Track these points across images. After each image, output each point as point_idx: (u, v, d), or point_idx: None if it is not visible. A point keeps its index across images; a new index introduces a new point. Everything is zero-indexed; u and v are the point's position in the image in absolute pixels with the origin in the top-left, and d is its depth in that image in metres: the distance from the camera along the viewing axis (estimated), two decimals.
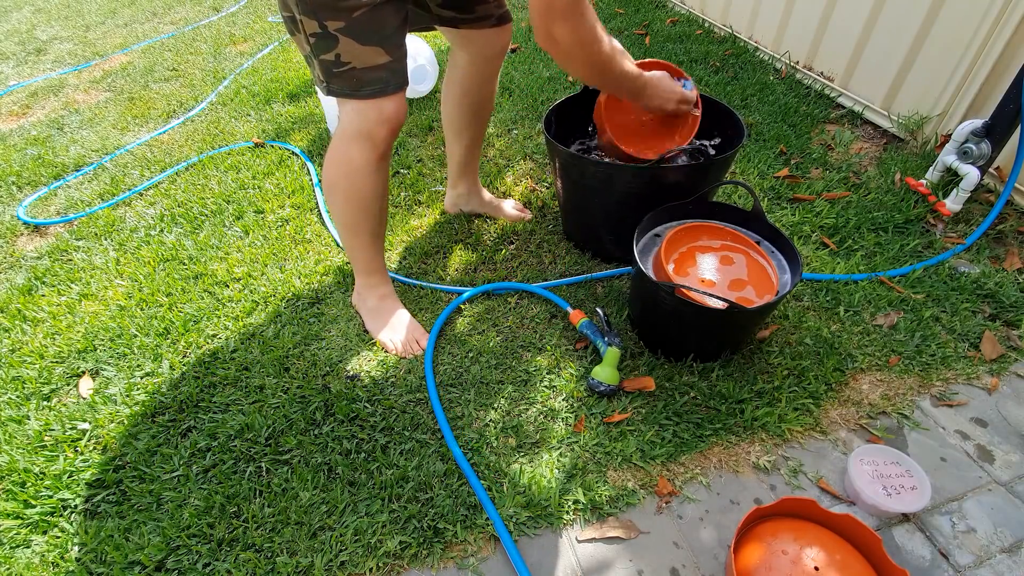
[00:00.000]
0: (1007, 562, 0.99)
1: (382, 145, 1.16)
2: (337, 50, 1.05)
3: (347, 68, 1.07)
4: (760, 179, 1.84)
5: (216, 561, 1.00)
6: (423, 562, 1.00)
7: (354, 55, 1.06)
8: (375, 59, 1.07)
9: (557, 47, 1.05)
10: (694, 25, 2.85)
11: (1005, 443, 1.16)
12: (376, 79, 1.09)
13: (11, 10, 3.83)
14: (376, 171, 1.20)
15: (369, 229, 1.30)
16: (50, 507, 1.10)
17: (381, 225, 1.32)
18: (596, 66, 1.12)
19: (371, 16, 1.03)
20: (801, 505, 0.98)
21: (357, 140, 1.15)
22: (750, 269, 1.25)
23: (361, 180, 1.20)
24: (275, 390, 1.28)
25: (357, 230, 1.30)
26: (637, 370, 1.29)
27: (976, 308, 1.41)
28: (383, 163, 1.20)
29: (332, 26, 1.02)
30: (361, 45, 1.05)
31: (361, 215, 1.26)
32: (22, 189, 2.03)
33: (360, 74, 1.08)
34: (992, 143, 1.56)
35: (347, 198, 1.24)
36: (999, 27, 1.60)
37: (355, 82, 1.09)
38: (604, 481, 1.10)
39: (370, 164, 1.17)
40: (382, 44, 1.07)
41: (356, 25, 1.03)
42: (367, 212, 1.26)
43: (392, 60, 1.09)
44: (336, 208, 1.28)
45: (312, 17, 1.03)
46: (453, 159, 1.63)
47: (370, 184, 1.21)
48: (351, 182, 1.20)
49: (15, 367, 1.37)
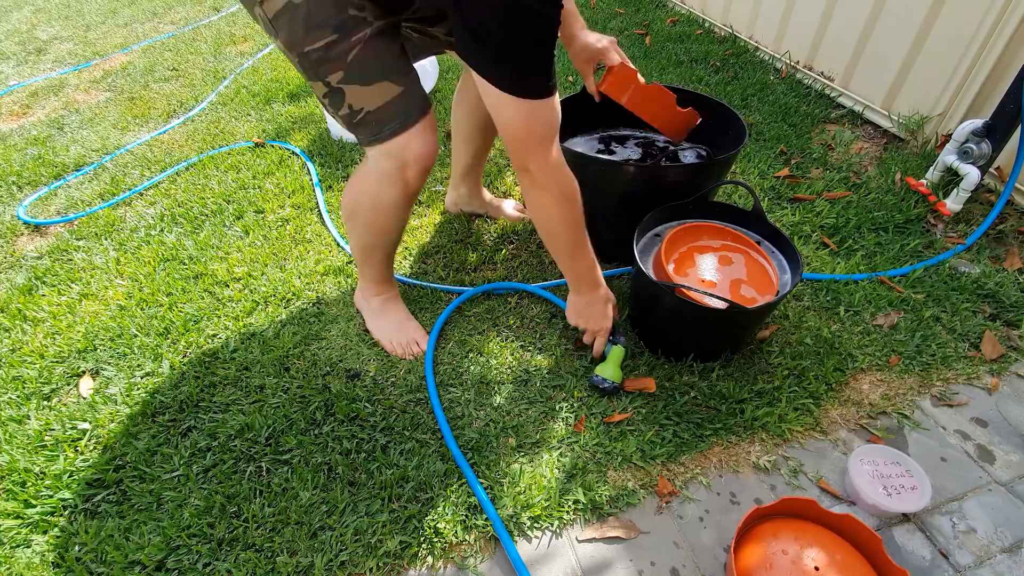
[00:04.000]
0: (1007, 562, 0.99)
1: (414, 184, 1.12)
2: (348, 101, 1.01)
3: (363, 115, 1.03)
4: (760, 179, 1.84)
5: (216, 561, 1.00)
6: (423, 562, 1.00)
7: (364, 99, 1.02)
8: (386, 95, 1.02)
9: (531, 176, 1.04)
10: (694, 25, 2.85)
11: (1005, 443, 1.16)
12: (394, 114, 1.04)
13: (11, 10, 3.83)
14: (405, 208, 1.18)
15: (385, 251, 1.29)
16: (50, 507, 1.10)
17: (397, 244, 1.31)
18: (567, 196, 1.08)
19: (367, 53, 0.98)
20: (801, 505, 0.98)
21: (389, 180, 1.11)
22: (750, 269, 1.25)
23: (387, 215, 1.18)
24: (275, 390, 1.28)
25: (373, 251, 1.29)
26: (637, 370, 1.29)
27: (976, 308, 1.41)
28: (413, 199, 1.17)
29: (334, 79, 0.99)
30: (367, 86, 1.01)
31: (380, 240, 1.25)
32: (22, 189, 2.03)
33: (377, 116, 1.03)
34: (992, 143, 1.56)
35: (368, 228, 1.22)
36: (999, 27, 1.60)
37: (374, 126, 1.05)
38: (604, 481, 1.10)
39: (399, 203, 1.15)
40: (388, 77, 1.02)
41: (355, 68, 0.98)
42: (387, 238, 1.25)
43: (404, 89, 1.04)
44: (355, 232, 1.26)
45: (316, 79, 1.00)
46: (458, 162, 1.62)
47: (396, 218, 1.20)
48: (376, 216, 1.18)
49: (15, 367, 1.37)
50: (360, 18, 0.95)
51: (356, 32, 0.95)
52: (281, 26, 0.95)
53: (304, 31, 0.94)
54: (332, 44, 0.95)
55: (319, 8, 0.93)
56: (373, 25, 0.97)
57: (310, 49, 0.95)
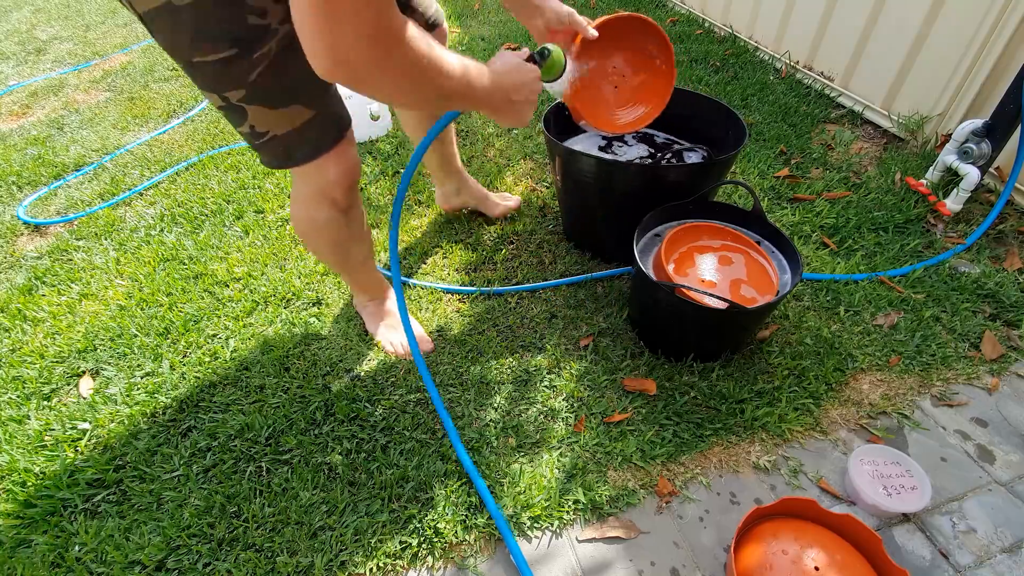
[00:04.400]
0: (1007, 562, 0.99)
1: (344, 202, 1.05)
2: (249, 121, 0.88)
3: (268, 138, 0.91)
4: (760, 179, 1.84)
5: (216, 561, 1.00)
6: (423, 562, 1.00)
7: (270, 122, 0.88)
8: (295, 120, 0.89)
9: (351, 68, 0.65)
10: (694, 25, 2.85)
11: (1005, 443, 1.16)
12: (306, 140, 0.93)
13: (11, 10, 3.83)
14: (347, 223, 1.11)
15: (355, 264, 1.25)
16: (50, 507, 1.10)
17: (367, 253, 1.26)
18: (413, 74, 0.71)
19: (273, 73, 0.83)
20: (801, 505, 0.98)
21: (315, 203, 1.04)
22: (750, 269, 1.25)
23: (330, 234, 1.12)
24: (275, 390, 1.28)
25: (343, 267, 1.26)
26: (637, 370, 1.29)
27: (976, 308, 1.41)
28: (352, 211, 1.10)
29: (234, 97, 0.84)
30: (274, 109, 0.87)
31: (338, 256, 1.21)
32: (22, 189, 2.03)
33: (285, 141, 0.91)
34: (992, 143, 1.56)
35: (320, 249, 1.18)
36: (999, 27, 1.60)
37: (283, 151, 0.93)
38: (604, 481, 1.10)
39: (336, 220, 1.08)
40: (298, 100, 0.88)
41: (259, 89, 0.84)
42: (347, 254, 1.20)
43: (316, 113, 0.91)
44: (315, 254, 1.23)
45: (208, 90, 0.85)
46: (431, 165, 1.59)
47: (343, 234, 1.13)
48: (320, 236, 1.13)
49: (15, 367, 1.37)
50: (263, 27, 0.79)
51: (260, 46, 0.80)
52: (159, 28, 0.79)
53: (192, 42, 0.78)
54: (230, 60, 0.79)
55: (211, 15, 0.75)
56: (279, 34, 0.81)
57: (201, 61, 0.80)
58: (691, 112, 1.61)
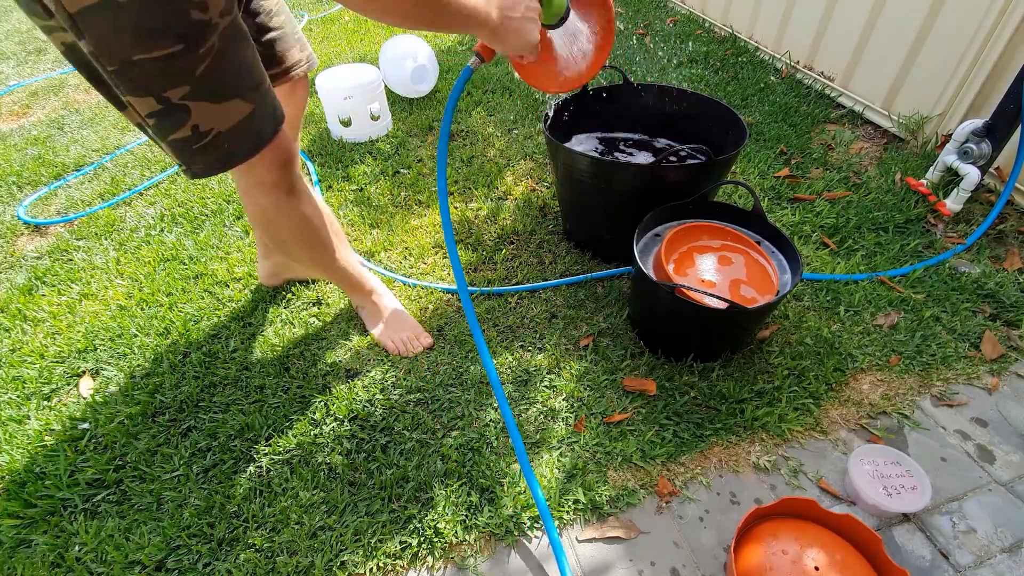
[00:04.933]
0: (1007, 562, 0.99)
1: (281, 179, 1.02)
2: (192, 121, 0.83)
3: (212, 137, 0.86)
4: (760, 179, 1.84)
5: (216, 561, 1.00)
6: (423, 562, 1.00)
7: (214, 119, 0.85)
8: (239, 114, 0.86)
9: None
10: (694, 25, 2.85)
11: (1005, 443, 1.16)
12: (247, 136, 0.90)
13: (11, 10, 3.83)
14: (295, 207, 1.07)
15: (328, 256, 1.20)
16: (50, 507, 1.10)
17: (339, 242, 1.21)
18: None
19: (219, 66, 0.81)
20: (801, 505, 0.98)
21: (257, 190, 1.02)
22: (750, 269, 1.25)
23: (286, 222, 1.08)
24: (275, 390, 1.28)
25: (318, 260, 1.20)
26: (637, 370, 1.29)
27: (976, 308, 1.41)
28: (297, 194, 1.07)
29: (176, 95, 0.80)
30: (218, 104, 0.84)
31: (310, 246, 1.16)
32: (22, 189, 2.03)
33: (227, 139, 0.87)
34: (992, 143, 1.56)
35: (287, 241, 1.13)
36: (999, 27, 1.60)
37: (223, 152, 0.89)
38: (604, 481, 1.10)
39: (284, 203, 1.05)
40: (240, 93, 0.86)
41: (205, 83, 0.81)
42: (314, 242, 1.15)
43: (255, 107, 0.88)
44: (284, 252, 1.18)
45: (145, 94, 0.79)
46: (258, 234, 1.41)
47: (295, 221, 1.09)
48: (280, 226, 1.09)
49: (15, 367, 1.37)
50: (205, 22, 0.77)
51: (204, 41, 0.78)
52: (95, 26, 0.73)
53: (133, 39, 0.74)
54: (176, 56, 0.76)
55: (154, 10, 0.73)
56: (220, 27, 0.79)
57: (143, 59, 0.75)
58: (691, 112, 1.61)
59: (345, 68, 2.16)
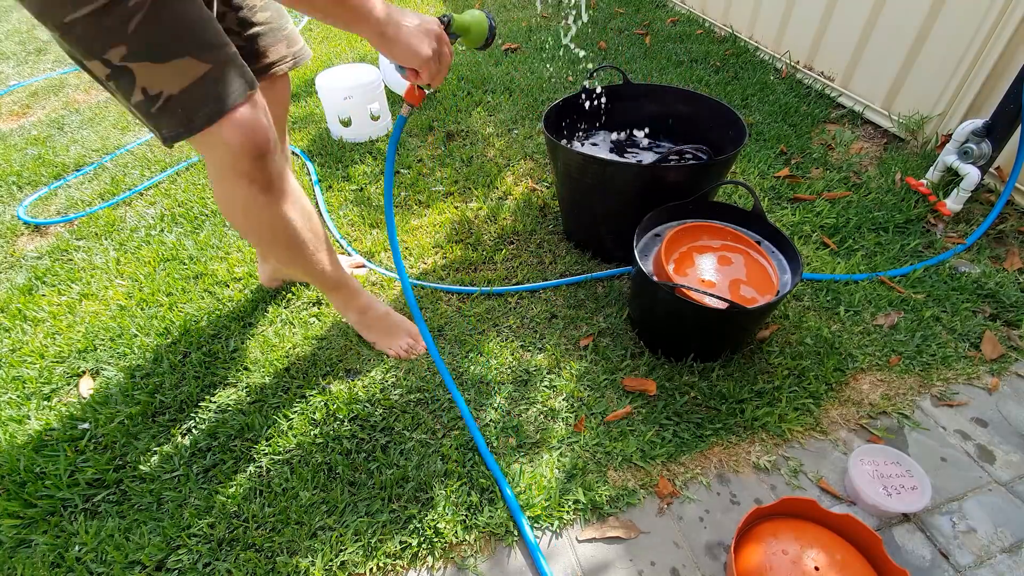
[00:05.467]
0: (1007, 562, 0.99)
1: (257, 173, 0.94)
2: (139, 84, 0.80)
3: (163, 101, 0.82)
4: (760, 179, 1.84)
5: (216, 561, 1.00)
6: (423, 562, 1.00)
7: (160, 79, 0.81)
8: (189, 74, 0.82)
9: None
10: (694, 25, 2.85)
11: (1005, 443, 1.16)
12: (205, 98, 0.84)
13: (11, 10, 3.83)
14: (271, 202, 0.99)
15: (305, 255, 1.11)
16: (50, 507, 1.10)
17: (321, 247, 1.14)
18: None
19: (154, 22, 0.77)
20: (801, 505, 0.98)
21: (228, 177, 0.95)
22: (750, 269, 1.25)
23: (258, 216, 1.00)
24: (275, 390, 1.28)
25: (293, 260, 1.12)
26: (637, 370, 1.29)
27: (977, 308, 1.41)
28: (275, 189, 0.99)
29: (116, 56, 0.78)
30: (160, 63, 0.80)
31: (285, 246, 1.08)
32: (22, 189, 2.03)
33: (182, 101, 0.83)
34: (992, 143, 1.56)
35: (260, 238, 1.06)
36: (999, 27, 1.60)
37: (181, 114, 0.84)
38: (604, 481, 1.10)
39: (256, 198, 0.97)
40: (189, 51, 0.81)
41: (140, 41, 0.77)
42: (287, 243, 1.07)
43: (213, 67, 0.84)
44: (254, 243, 1.12)
45: (90, 57, 0.78)
46: None
47: (269, 221, 1.02)
48: (251, 221, 1.02)
49: (15, 367, 1.37)
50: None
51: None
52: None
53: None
54: (103, 10, 0.74)
55: None
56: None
57: (73, 19, 0.74)
58: (691, 112, 1.61)
59: (345, 68, 2.16)
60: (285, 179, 1.02)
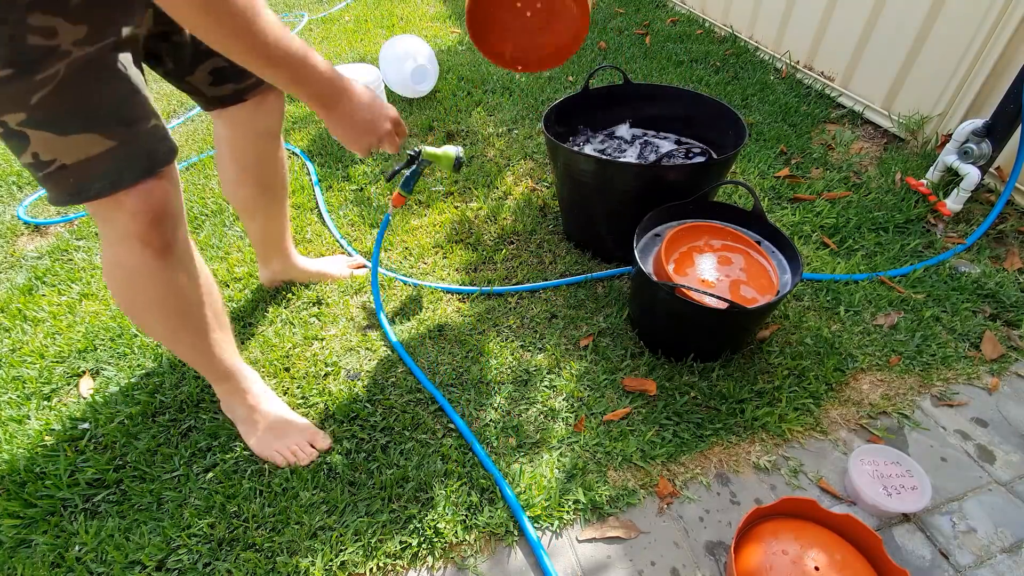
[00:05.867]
0: (1007, 562, 0.99)
1: (154, 237, 0.86)
2: (31, 149, 0.76)
3: (55, 168, 0.77)
4: (760, 179, 1.84)
5: (216, 561, 1.00)
6: (423, 562, 1.00)
7: (56, 150, 0.76)
8: (90, 148, 0.77)
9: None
10: (694, 25, 2.85)
11: (1006, 443, 1.16)
12: (101, 174, 0.79)
13: None
14: (164, 268, 0.90)
15: (197, 332, 1.01)
16: (50, 507, 1.10)
17: (218, 327, 1.04)
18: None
19: (59, 98, 0.73)
20: (801, 505, 0.98)
21: (119, 242, 0.87)
22: (750, 269, 1.25)
23: (145, 283, 0.91)
24: (275, 390, 1.28)
25: (178, 340, 1.02)
26: (637, 370, 1.29)
27: (977, 308, 1.41)
28: (170, 257, 0.90)
29: (12, 121, 0.74)
30: (60, 136, 0.75)
31: (172, 323, 0.98)
32: (22, 189, 2.03)
33: (75, 172, 0.78)
34: (992, 143, 1.56)
35: (146, 307, 0.95)
36: (999, 27, 1.60)
37: (72, 183, 0.79)
38: (604, 481, 1.10)
39: (150, 267, 0.88)
40: (93, 128, 0.76)
41: (41, 113, 0.73)
42: (180, 319, 0.97)
43: (119, 144, 0.79)
44: (134, 318, 1.00)
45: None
46: (253, 239, 1.39)
47: (160, 288, 0.92)
48: (135, 288, 0.92)
49: (15, 367, 1.37)
50: (49, 48, 0.70)
51: (43, 68, 0.71)
52: None
53: None
54: (6, 81, 0.70)
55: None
56: (71, 56, 0.72)
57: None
58: (691, 112, 1.61)
59: (345, 68, 2.16)
60: (187, 250, 0.94)
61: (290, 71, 0.79)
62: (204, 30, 0.71)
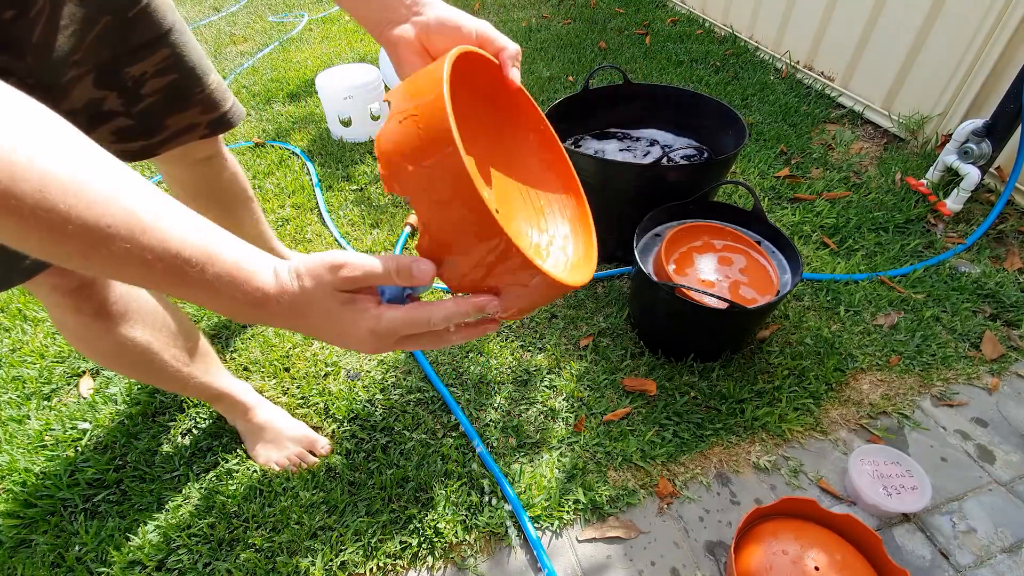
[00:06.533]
0: (1007, 562, 0.99)
1: (85, 307, 0.82)
2: None
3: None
4: (760, 179, 1.84)
5: (216, 561, 1.00)
6: (423, 562, 1.00)
7: None
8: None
9: None
10: (694, 25, 2.85)
11: (1006, 443, 1.16)
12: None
13: None
14: (108, 328, 0.85)
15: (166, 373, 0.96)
16: (50, 507, 1.10)
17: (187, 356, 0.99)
18: None
19: None
20: (801, 505, 0.98)
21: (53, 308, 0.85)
22: (750, 269, 1.25)
23: (95, 343, 0.87)
24: (275, 390, 1.28)
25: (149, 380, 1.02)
26: (637, 370, 1.29)
27: (977, 308, 1.41)
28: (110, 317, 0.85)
29: None
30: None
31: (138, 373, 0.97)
32: None
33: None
34: (993, 143, 1.56)
35: (107, 363, 0.93)
36: (999, 27, 1.60)
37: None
38: (604, 481, 1.10)
39: (89, 327, 0.84)
40: None
41: None
42: (138, 364, 0.93)
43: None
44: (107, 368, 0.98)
45: None
46: None
47: (110, 346, 0.87)
48: (86, 347, 0.89)
49: (16, 367, 1.37)
50: None
51: None
52: None
53: None
54: None
55: None
56: None
57: None
58: (691, 112, 1.61)
59: (345, 68, 2.16)
60: (129, 303, 0.88)
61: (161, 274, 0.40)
62: None
